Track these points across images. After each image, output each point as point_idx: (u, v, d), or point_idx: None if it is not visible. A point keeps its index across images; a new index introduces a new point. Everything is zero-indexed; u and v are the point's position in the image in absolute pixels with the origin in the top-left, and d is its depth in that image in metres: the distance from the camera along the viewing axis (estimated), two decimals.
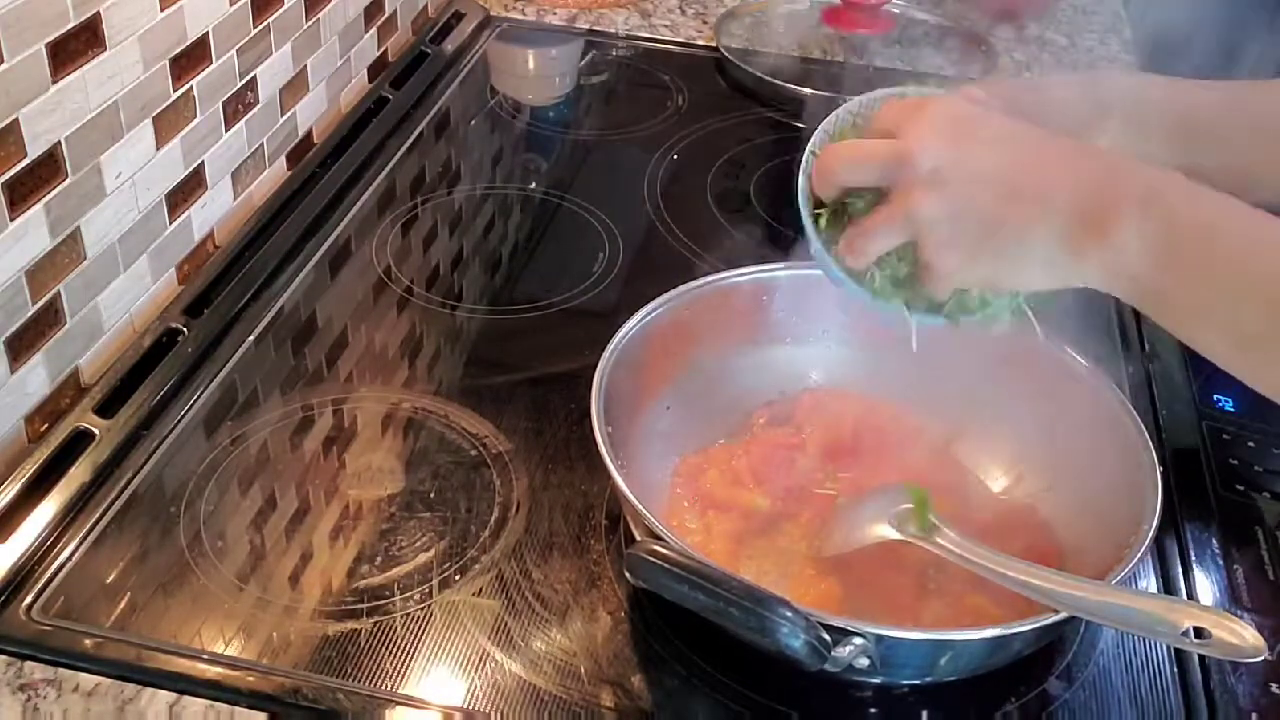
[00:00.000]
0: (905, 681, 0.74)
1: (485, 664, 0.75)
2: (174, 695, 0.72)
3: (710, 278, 0.91)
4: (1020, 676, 0.76)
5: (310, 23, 1.19)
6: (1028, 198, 0.64)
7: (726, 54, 1.48)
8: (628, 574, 0.70)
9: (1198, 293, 0.62)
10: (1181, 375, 1.00)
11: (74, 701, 0.71)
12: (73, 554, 0.80)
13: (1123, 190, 0.62)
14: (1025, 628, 0.70)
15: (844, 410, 0.90)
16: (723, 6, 1.62)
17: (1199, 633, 0.65)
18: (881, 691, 0.75)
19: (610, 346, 0.84)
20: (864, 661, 0.67)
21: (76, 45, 0.86)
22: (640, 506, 0.73)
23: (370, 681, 0.73)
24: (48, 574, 0.78)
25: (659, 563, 0.67)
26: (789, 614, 0.65)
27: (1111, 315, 1.07)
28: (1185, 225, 0.62)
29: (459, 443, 0.91)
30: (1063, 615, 0.69)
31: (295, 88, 1.19)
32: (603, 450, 0.75)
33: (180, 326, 0.99)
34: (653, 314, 0.88)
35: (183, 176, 1.02)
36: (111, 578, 0.79)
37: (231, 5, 1.04)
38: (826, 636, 0.66)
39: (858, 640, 0.66)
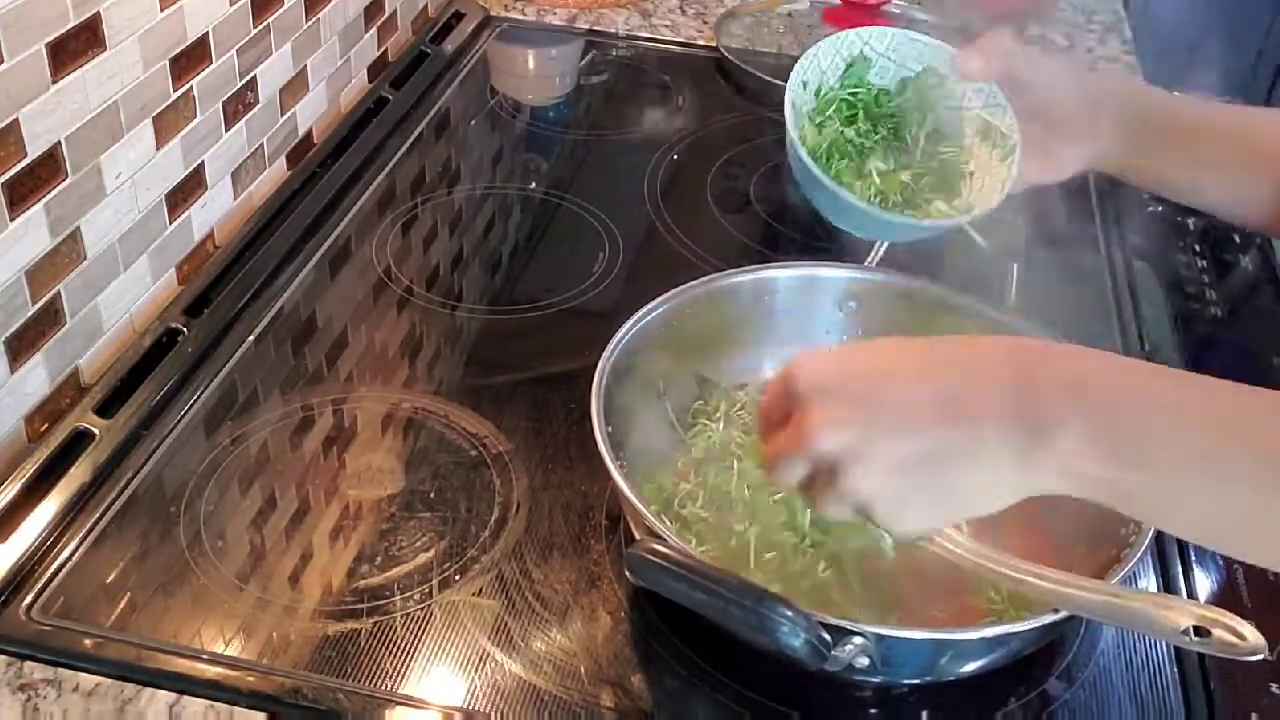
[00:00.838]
0: (905, 681, 0.74)
1: (485, 664, 0.75)
2: (174, 695, 0.72)
3: (710, 278, 0.91)
4: (1020, 676, 0.76)
5: (310, 23, 1.19)
6: (959, 433, 0.59)
7: (726, 54, 1.48)
8: (627, 573, 0.70)
9: (1163, 487, 0.59)
10: None
11: (74, 701, 0.71)
12: (73, 554, 0.80)
13: (1046, 392, 0.59)
14: (1025, 627, 0.70)
15: None
16: (723, 6, 1.62)
17: (1199, 631, 0.65)
18: (882, 691, 0.75)
19: (610, 346, 0.84)
20: (864, 661, 0.67)
21: (76, 45, 0.86)
22: (640, 506, 0.73)
23: (370, 681, 0.73)
24: (48, 574, 0.78)
25: (659, 561, 0.67)
26: (789, 613, 0.65)
27: (1112, 315, 1.07)
28: (1120, 414, 0.58)
29: (459, 443, 0.91)
30: (1063, 615, 0.69)
31: (295, 88, 1.19)
32: (603, 450, 0.75)
33: (180, 326, 0.99)
34: (653, 314, 0.88)
35: (183, 176, 1.02)
36: (111, 578, 0.79)
37: (231, 5, 1.04)
38: (826, 636, 0.66)
39: (858, 639, 0.66)
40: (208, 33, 1.02)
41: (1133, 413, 0.58)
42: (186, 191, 1.03)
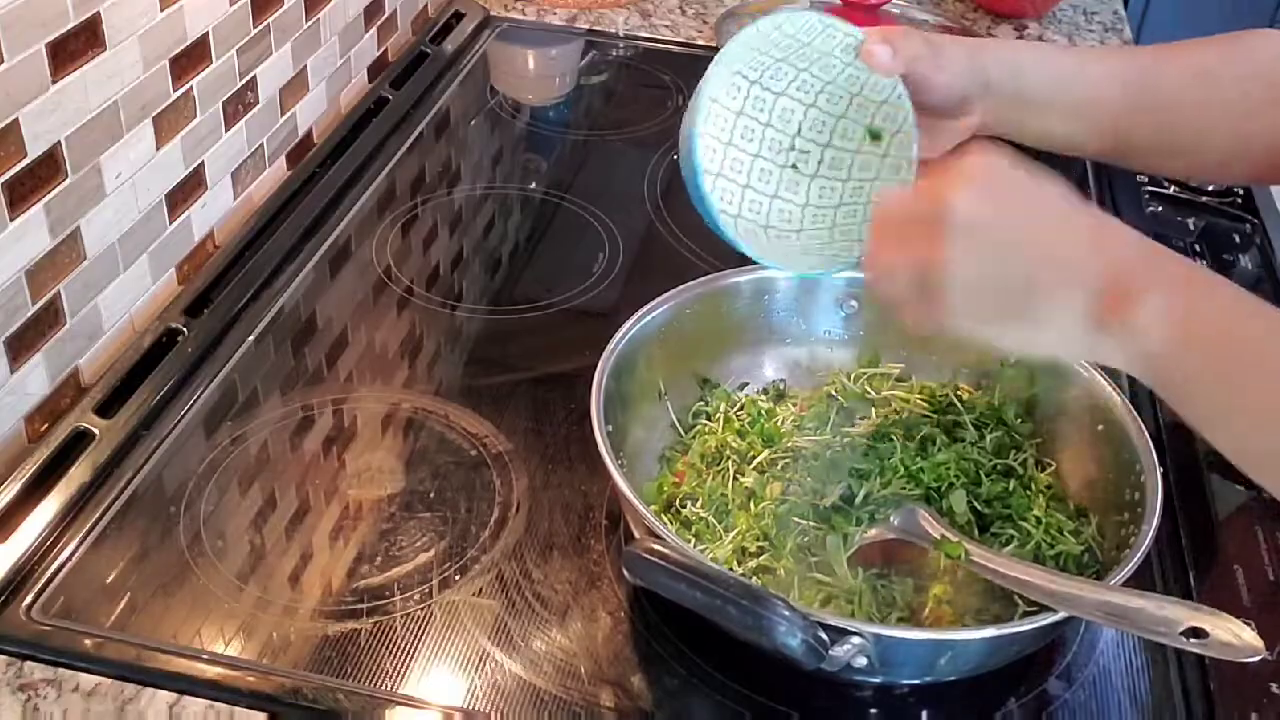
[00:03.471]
0: (904, 681, 0.74)
1: (485, 664, 0.75)
2: (174, 695, 0.72)
3: (710, 278, 0.92)
4: (1020, 676, 0.76)
5: (310, 23, 1.19)
6: (1059, 267, 0.64)
7: None
8: (625, 572, 0.70)
9: (1213, 382, 0.62)
10: None
11: (74, 701, 0.71)
12: (73, 554, 0.80)
13: (1151, 275, 0.63)
14: (1025, 627, 0.70)
15: None
16: (723, 6, 1.62)
17: (1197, 633, 0.65)
18: (881, 691, 0.75)
19: (610, 346, 0.84)
20: (862, 661, 0.67)
21: (76, 45, 0.86)
22: (640, 506, 0.73)
23: (370, 681, 0.73)
24: (48, 574, 0.78)
25: (657, 561, 0.67)
26: (786, 613, 0.65)
27: None
28: (1203, 313, 0.62)
29: (459, 443, 0.91)
30: (1062, 615, 0.69)
31: (295, 88, 1.19)
32: (603, 450, 0.76)
33: (180, 326, 0.99)
34: (653, 314, 0.88)
35: (183, 176, 1.02)
36: (111, 578, 0.79)
37: (231, 5, 1.04)
38: (824, 635, 0.66)
39: (855, 639, 0.66)
40: (208, 33, 1.02)
41: (1214, 330, 0.62)
42: (186, 191, 1.03)
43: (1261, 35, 0.83)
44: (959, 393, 0.90)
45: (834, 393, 0.90)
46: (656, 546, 0.68)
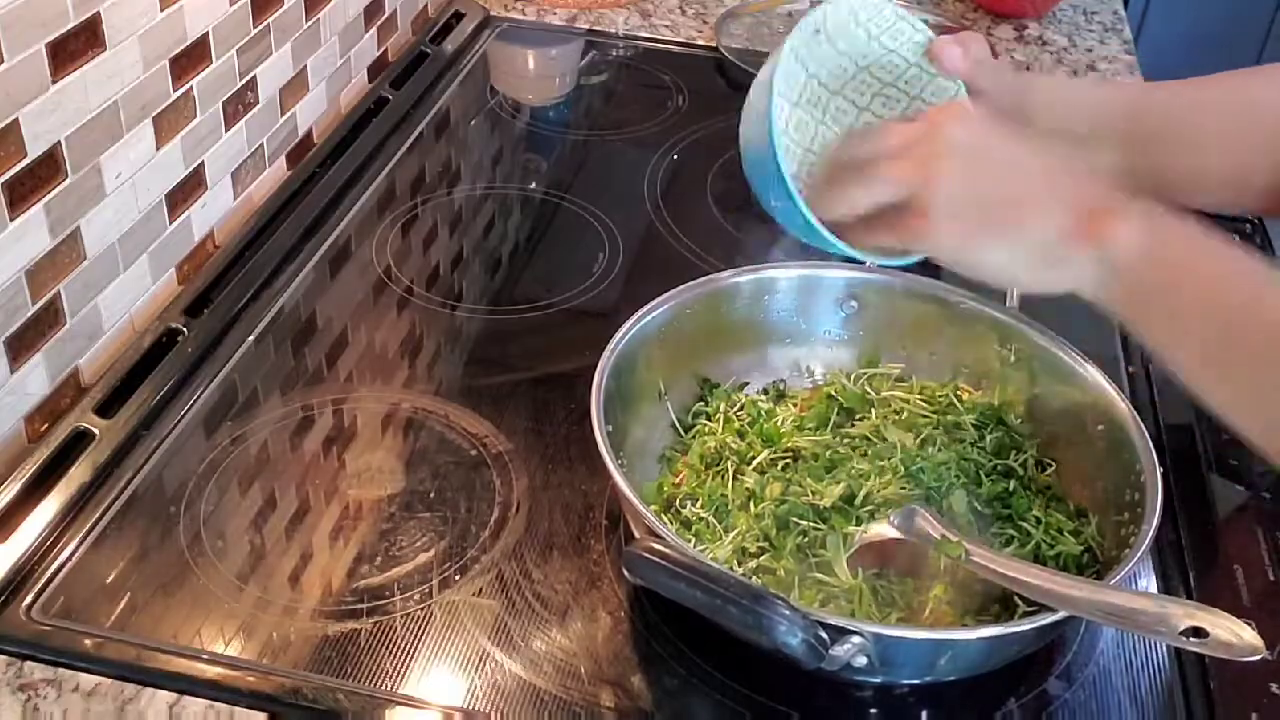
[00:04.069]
0: (905, 681, 0.74)
1: (485, 664, 0.75)
2: (174, 695, 0.72)
3: (710, 278, 0.92)
4: (1020, 676, 0.76)
5: (310, 23, 1.19)
6: (1040, 189, 0.69)
7: (726, 54, 1.48)
8: (625, 571, 0.70)
9: (1173, 301, 0.67)
10: None
11: (74, 701, 0.71)
12: (73, 554, 0.80)
13: (1126, 206, 0.67)
14: (1025, 627, 0.70)
15: None
16: (723, 6, 1.62)
17: (1197, 632, 0.65)
18: (881, 691, 0.75)
19: (610, 346, 0.84)
20: (862, 660, 0.67)
21: (76, 45, 0.86)
22: (640, 506, 0.73)
23: (370, 681, 0.73)
24: (48, 574, 0.78)
25: (657, 560, 0.67)
26: (786, 612, 0.65)
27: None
28: (1172, 241, 0.67)
29: (459, 443, 0.91)
30: (1062, 615, 0.69)
31: (295, 88, 1.19)
32: (603, 450, 0.76)
33: (180, 326, 0.99)
34: (653, 314, 0.88)
35: (183, 176, 1.02)
36: (111, 578, 0.79)
37: (231, 5, 1.04)
38: (824, 635, 0.66)
39: (855, 639, 0.66)
40: (208, 33, 1.02)
41: (1183, 247, 0.67)
42: (186, 191, 1.03)
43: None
44: (959, 393, 0.90)
45: (834, 393, 0.90)
46: (656, 546, 0.68)
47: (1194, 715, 0.75)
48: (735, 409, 0.90)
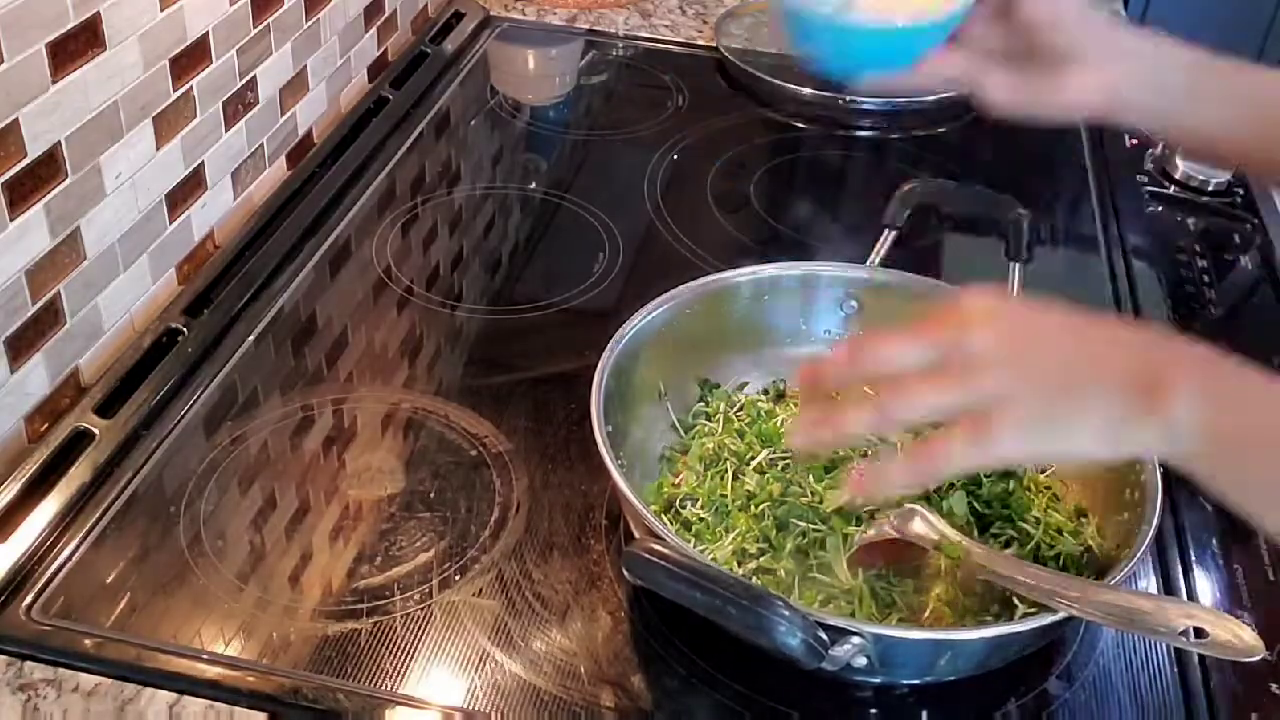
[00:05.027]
0: (904, 681, 0.74)
1: (485, 664, 0.75)
2: (174, 695, 0.72)
3: (710, 278, 0.92)
4: (1020, 676, 0.76)
5: (310, 23, 1.19)
6: (1086, 368, 0.63)
7: (726, 54, 1.48)
8: (625, 572, 0.70)
9: (1250, 463, 0.62)
10: None
11: (74, 701, 0.71)
12: (73, 554, 0.80)
13: (1178, 365, 0.63)
14: (1025, 627, 0.70)
15: None
16: (723, 6, 1.62)
17: (1198, 633, 0.65)
18: (881, 691, 0.75)
19: (610, 346, 0.84)
20: (862, 661, 0.67)
21: (76, 45, 0.86)
22: (640, 506, 0.73)
23: (370, 681, 0.73)
24: (48, 574, 0.78)
25: (657, 560, 0.67)
26: (786, 612, 0.65)
27: (1112, 315, 1.07)
28: (1236, 400, 0.63)
29: (459, 443, 0.91)
30: (1062, 615, 0.69)
31: (295, 88, 1.19)
32: (603, 450, 0.76)
33: (180, 326, 0.99)
34: (653, 314, 0.88)
35: (183, 176, 1.02)
36: (111, 578, 0.79)
37: (231, 5, 1.04)
38: (824, 635, 0.66)
39: (855, 639, 0.66)
40: (208, 33, 1.02)
41: (1245, 406, 0.62)
42: (186, 191, 1.03)
43: None
44: None
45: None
46: (656, 546, 0.68)
47: (1194, 715, 0.75)
48: (735, 409, 0.90)
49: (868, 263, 0.97)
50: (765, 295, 0.93)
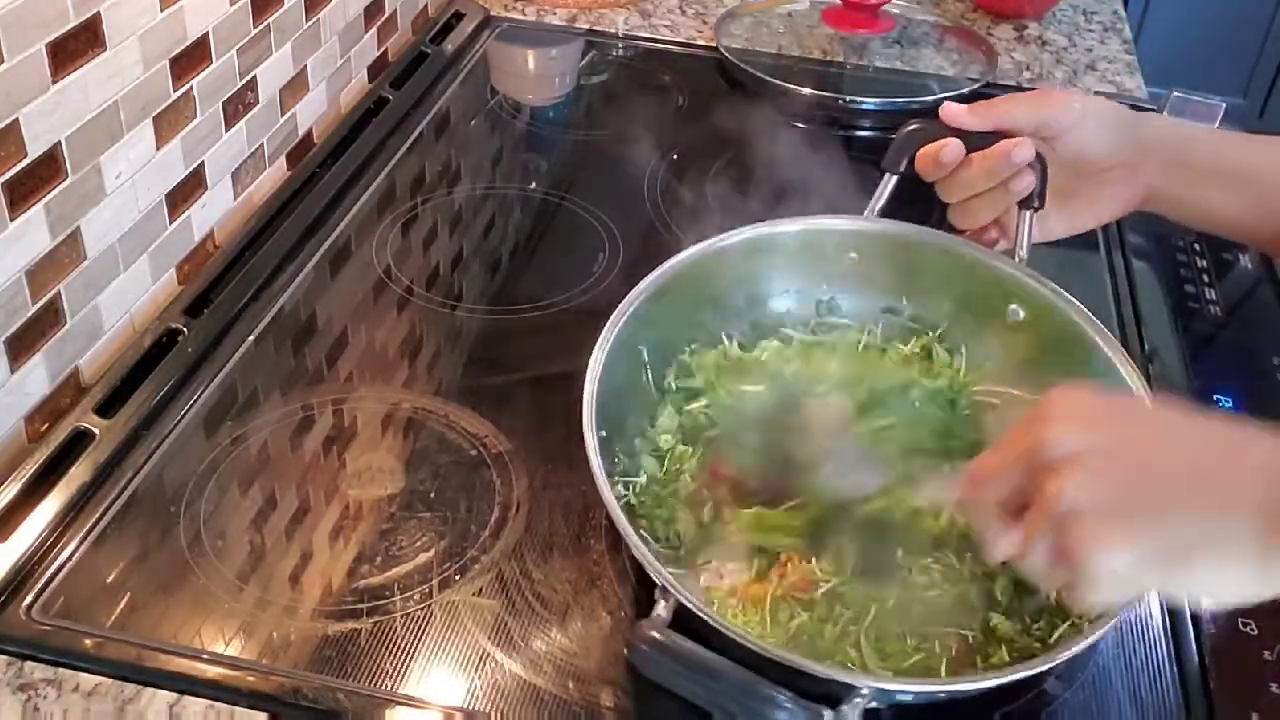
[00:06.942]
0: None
1: (485, 664, 0.75)
2: (174, 695, 0.72)
3: (686, 254, 0.91)
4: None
5: (310, 23, 1.19)
6: (1214, 489, 0.57)
7: (726, 54, 1.48)
8: (631, 660, 0.67)
9: None
10: (1181, 375, 1.00)
11: (74, 701, 0.71)
12: (73, 554, 0.80)
13: None
14: (1031, 673, 0.68)
15: None
16: (723, 6, 1.62)
17: None
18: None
19: (601, 340, 0.84)
20: (871, 705, 0.65)
21: (76, 45, 0.86)
22: (624, 521, 0.71)
23: (370, 681, 0.73)
24: (48, 574, 0.78)
25: (664, 657, 0.65)
26: (789, 705, 0.62)
27: (1112, 316, 1.07)
28: None
29: (459, 443, 0.91)
30: (1081, 647, 0.68)
31: (295, 88, 1.19)
32: (593, 457, 0.75)
33: (180, 326, 0.99)
34: (636, 299, 0.87)
35: (183, 176, 1.02)
36: (111, 578, 0.79)
37: (231, 5, 1.04)
38: (824, 711, 0.63)
39: (862, 693, 0.64)
40: (208, 33, 1.02)
41: None
42: (186, 191, 1.03)
43: None
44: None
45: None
46: (658, 637, 0.65)
47: (1194, 715, 0.75)
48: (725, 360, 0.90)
49: (867, 210, 0.94)
50: (763, 253, 0.93)
